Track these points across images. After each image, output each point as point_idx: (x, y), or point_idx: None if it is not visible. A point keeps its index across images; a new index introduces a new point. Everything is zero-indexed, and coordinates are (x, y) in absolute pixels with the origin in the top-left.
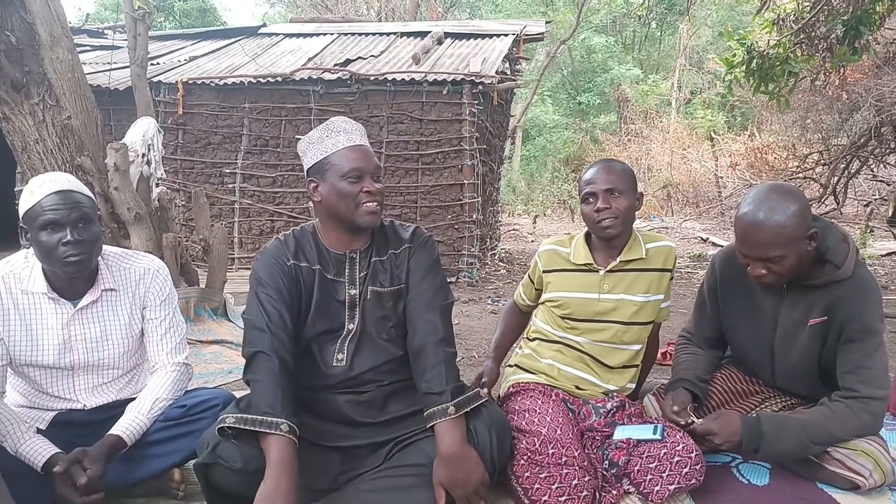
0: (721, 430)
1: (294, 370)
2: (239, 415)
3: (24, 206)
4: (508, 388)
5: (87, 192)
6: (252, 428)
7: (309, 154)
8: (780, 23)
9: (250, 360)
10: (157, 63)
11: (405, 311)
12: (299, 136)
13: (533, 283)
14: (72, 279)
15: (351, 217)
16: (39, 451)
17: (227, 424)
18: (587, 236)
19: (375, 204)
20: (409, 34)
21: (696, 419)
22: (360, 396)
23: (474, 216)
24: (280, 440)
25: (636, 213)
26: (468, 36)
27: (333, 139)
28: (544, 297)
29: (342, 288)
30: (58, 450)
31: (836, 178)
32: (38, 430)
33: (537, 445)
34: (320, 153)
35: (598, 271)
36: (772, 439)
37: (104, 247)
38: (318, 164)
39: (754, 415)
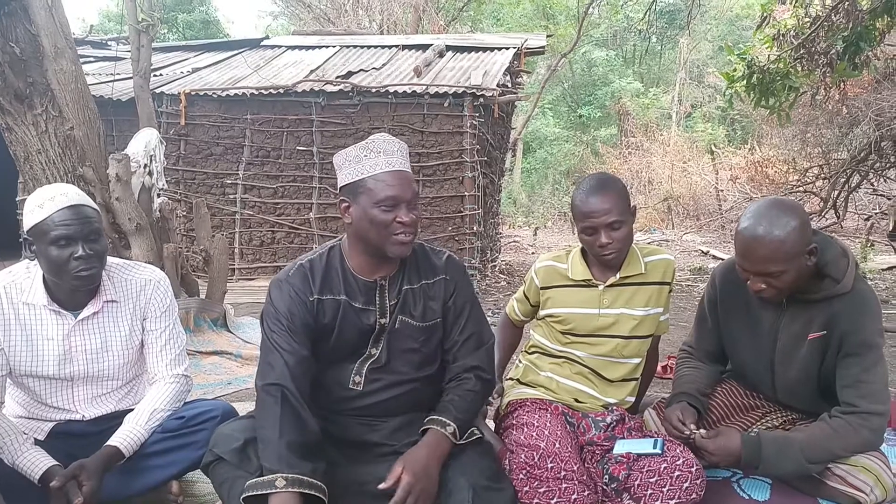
0: (720, 450)
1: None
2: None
3: (31, 219)
4: (507, 403)
5: (93, 204)
6: (255, 492)
7: (344, 171)
8: (781, 38)
9: (259, 397)
10: (160, 74)
11: (443, 349)
12: (301, 148)
13: (528, 300)
14: (75, 291)
15: (380, 245)
16: (37, 463)
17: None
18: (584, 251)
19: (407, 235)
20: (410, 47)
21: (697, 431)
22: (372, 426)
23: (475, 228)
24: (278, 498)
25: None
26: (469, 49)
27: (372, 160)
28: (543, 312)
29: (370, 316)
30: (55, 462)
31: (836, 192)
32: (37, 441)
33: (536, 459)
34: (356, 173)
35: (597, 286)
36: (771, 461)
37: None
38: (353, 185)
39: (755, 432)
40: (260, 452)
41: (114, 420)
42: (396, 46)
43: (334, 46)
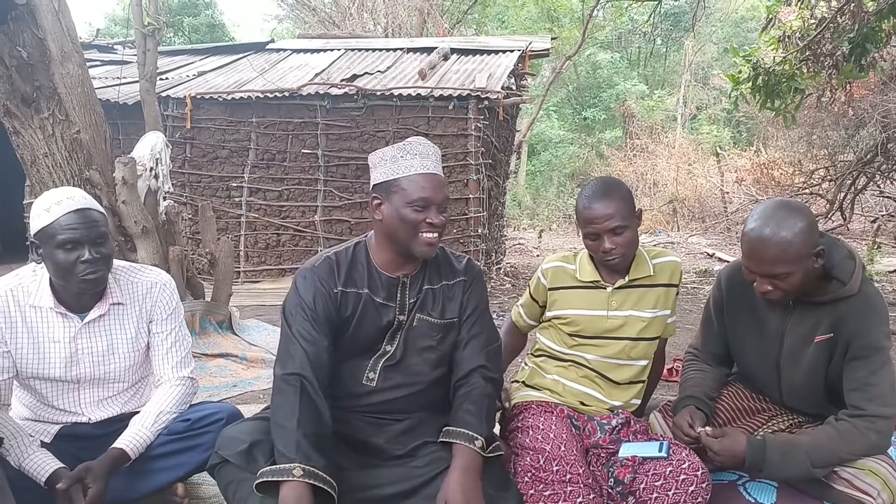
0: (724, 451)
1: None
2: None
3: (38, 223)
4: (512, 406)
5: (100, 208)
6: (269, 479)
7: (379, 169)
8: (786, 40)
9: (277, 386)
10: (166, 78)
11: (453, 347)
12: (306, 151)
13: (536, 301)
14: (82, 294)
15: (408, 244)
16: (43, 465)
17: (256, 482)
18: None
19: (435, 236)
20: (415, 50)
21: (703, 428)
22: (381, 425)
23: (480, 231)
24: (292, 485)
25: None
26: (474, 52)
27: (408, 161)
28: (550, 314)
29: (390, 312)
30: (61, 465)
31: (842, 194)
32: (43, 444)
33: (541, 462)
34: (391, 173)
35: (605, 288)
36: (776, 465)
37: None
38: (386, 184)
39: (761, 435)
40: (275, 438)
41: (120, 422)
42: (401, 49)
43: (339, 50)
